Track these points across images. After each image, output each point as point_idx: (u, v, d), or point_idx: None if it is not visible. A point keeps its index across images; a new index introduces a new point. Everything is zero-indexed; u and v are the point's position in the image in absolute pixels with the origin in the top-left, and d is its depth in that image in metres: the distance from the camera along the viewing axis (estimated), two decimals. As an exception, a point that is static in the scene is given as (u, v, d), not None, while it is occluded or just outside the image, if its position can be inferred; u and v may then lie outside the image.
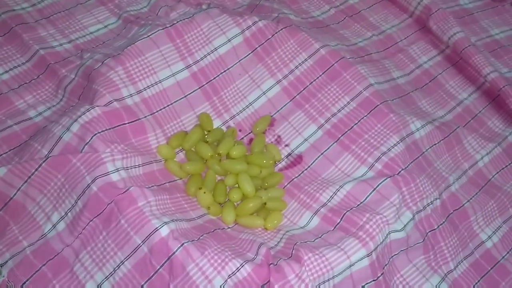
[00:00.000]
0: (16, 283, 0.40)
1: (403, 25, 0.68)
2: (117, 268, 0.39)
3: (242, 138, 0.53)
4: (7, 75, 0.52)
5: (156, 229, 0.39)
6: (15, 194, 0.43)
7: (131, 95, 0.48)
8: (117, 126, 0.46)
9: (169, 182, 0.46)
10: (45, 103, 0.50)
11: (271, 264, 0.40)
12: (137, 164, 0.44)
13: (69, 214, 0.41)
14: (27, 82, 0.52)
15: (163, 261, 0.38)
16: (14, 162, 0.44)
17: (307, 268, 0.40)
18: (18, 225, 0.42)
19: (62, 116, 0.46)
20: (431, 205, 0.49)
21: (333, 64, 0.55)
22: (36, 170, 0.42)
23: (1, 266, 0.41)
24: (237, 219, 0.46)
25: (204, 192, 0.45)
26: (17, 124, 0.48)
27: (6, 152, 0.46)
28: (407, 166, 0.49)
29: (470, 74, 0.64)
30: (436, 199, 0.50)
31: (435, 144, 0.54)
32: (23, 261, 0.40)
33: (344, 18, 0.67)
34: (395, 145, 0.50)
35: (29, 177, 0.42)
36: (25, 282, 0.40)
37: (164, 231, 0.39)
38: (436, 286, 0.46)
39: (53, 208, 0.42)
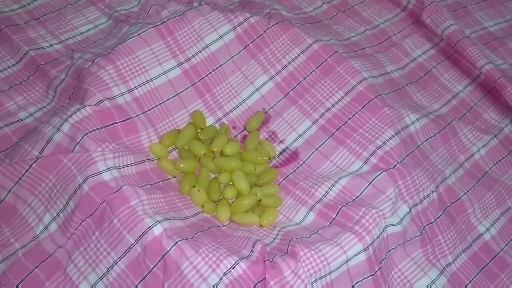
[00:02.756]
0: (8, 285, 0.39)
1: (396, 19, 0.67)
2: (110, 268, 0.39)
3: (236, 136, 0.52)
4: (-3, 77, 0.51)
5: (149, 228, 0.38)
6: (6, 196, 0.42)
7: (122, 94, 0.48)
8: (108, 125, 0.45)
9: (162, 181, 0.45)
10: (36, 104, 0.50)
11: (266, 260, 0.39)
12: (129, 163, 0.43)
13: (61, 214, 0.41)
14: (17, 83, 0.51)
15: (157, 260, 0.38)
16: (5, 163, 0.43)
17: (303, 264, 0.39)
18: (9, 227, 0.41)
19: (53, 116, 0.45)
20: (427, 198, 0.48)
21: (326, 59, 0.55)
22: (27, 171, 0.42)
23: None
24: (232, 217, 0.46)
25: (198, 190, 0.45)
26: (8, 126, 0.47)
27: (-3, 154, 0.46)
28: (403, 160, 0.49)
29: (464, 67, 0.64)
30: (432, 192, 0.49)
31: (430, 137, 0.54)
32: (15, 264, 0.40)
33: (337, 13, 0.66)
34: (390, 138, 0.50)
35: (20, 178, 0.42)
36: (17, 285, 0.39)
37: (157, 230, 0.38)
38: (434, 279, 0.45)
39: (45, 209, 0.41)
